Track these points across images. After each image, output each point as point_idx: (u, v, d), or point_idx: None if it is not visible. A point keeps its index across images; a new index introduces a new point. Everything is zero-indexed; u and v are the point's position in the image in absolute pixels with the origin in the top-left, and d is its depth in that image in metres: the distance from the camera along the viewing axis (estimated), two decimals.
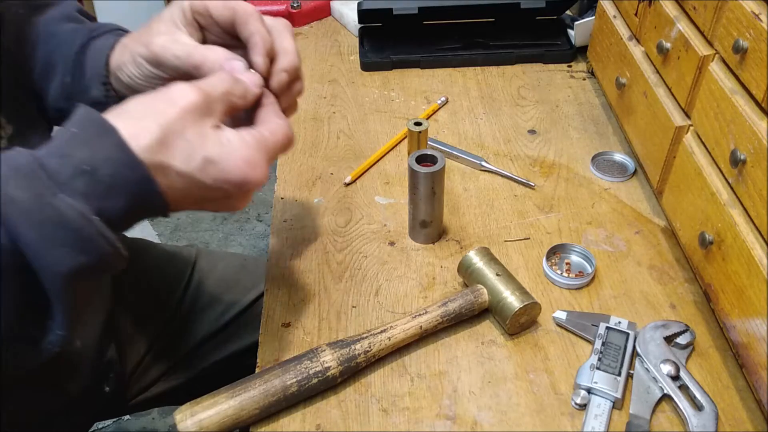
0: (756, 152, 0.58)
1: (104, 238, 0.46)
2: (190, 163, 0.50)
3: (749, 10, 0.59)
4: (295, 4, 1.19)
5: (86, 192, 0.46)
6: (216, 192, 0.52)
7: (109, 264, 0.48)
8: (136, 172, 0.47)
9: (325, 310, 0.71)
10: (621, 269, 0.75)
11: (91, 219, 0.45)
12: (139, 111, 0.50)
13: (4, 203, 0.44)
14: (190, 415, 0.58)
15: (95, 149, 0.47)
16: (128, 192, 0.47)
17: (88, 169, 0.46)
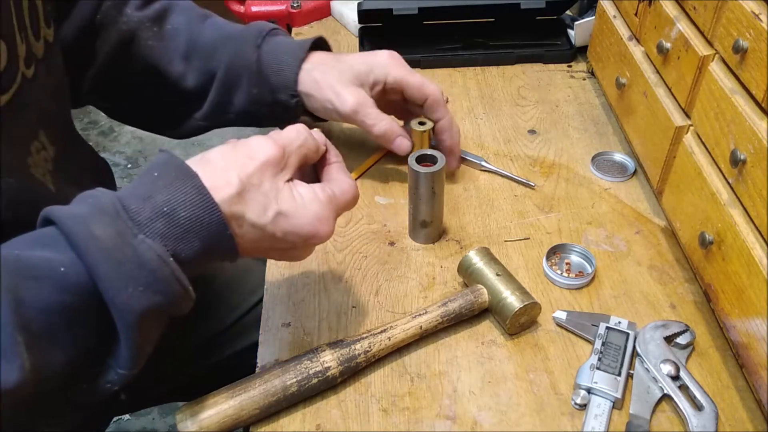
0: (756, 152, 0.58)
1: (177, 280, 0.48)
2: (264, 215, 0.53)
3: (749, 10, 0.59)
4: (295, 4, 1.19)
5: (164, 233, 0.48)
6: (284, 243, 0.55)
7: (178, 306, 0.50)
8: (213, 218, 0.50)
9: (325, 310, 0.71)
10: (621, 269, 0.75)
11: (168, 261, 0.48)
12: (220, 162, 0.53)
13: (86, 239, 0.46)
14: (190, 415, 0.58)
15: (175, 192, 0.49)
16: (203, 236, 0.50)
17: (167, 211, 0.48)
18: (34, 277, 0.45)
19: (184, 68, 0.79)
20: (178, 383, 0.91)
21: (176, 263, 0.48)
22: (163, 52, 0.79)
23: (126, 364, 0.49)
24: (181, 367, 0.91)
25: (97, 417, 0.88)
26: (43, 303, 0.45)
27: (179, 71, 0.79)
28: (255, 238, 0.54)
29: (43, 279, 0.45)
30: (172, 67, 0.79)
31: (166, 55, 0.79)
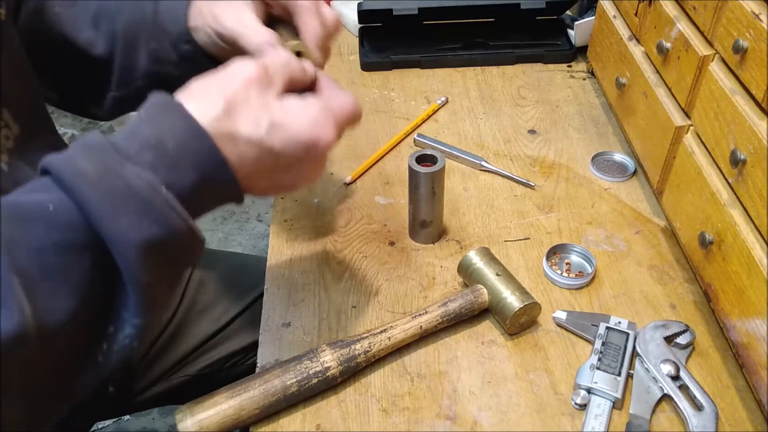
0: (756, 152, 0.58)
1: (174, 211, 0.46)
2: (258, 128, 0.50)
3: (749, 10, 0.59)
4: None
5: (154, 164, 0.46)
6: (286, 158, 0.52)
7: (184, 244, 0.48)
8: (202, 143, 0.48)
9: (325, 310, 0.71)
10: (621, 269, 0.75)
11: (159, 189, 0.46)
12: (202, 88, 0.51)
13: (72, 175, 0.44)
14: (190, 415, 0.58)
15: (161, 124, 0.48)
16: (196, 164, 0.48)
17: (154, 143, 0.47)
18: (25, 219, 0.44)
19: (94, 35, 0.74)
20: (178, 383, 0.91)
21: (172, 195, 0.47)
22: (72, 19, 0.74)
23: (137, 310, 0.47)
24: (180, 366, 0.91)
25: (95, 415, 0.88)
26: (35, 243, 0.44)
27: (89, 38, 0.73)
28: (254, 156, 0.51)
29: (34, 220, 0.44)
30: (82, 34, 0.74)
31: (75, 23, 0.74)
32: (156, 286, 0.47)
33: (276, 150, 0.51)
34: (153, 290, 0.47)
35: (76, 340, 0.47)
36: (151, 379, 0.89)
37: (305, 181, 0.56)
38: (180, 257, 0.49)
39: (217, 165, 0.49)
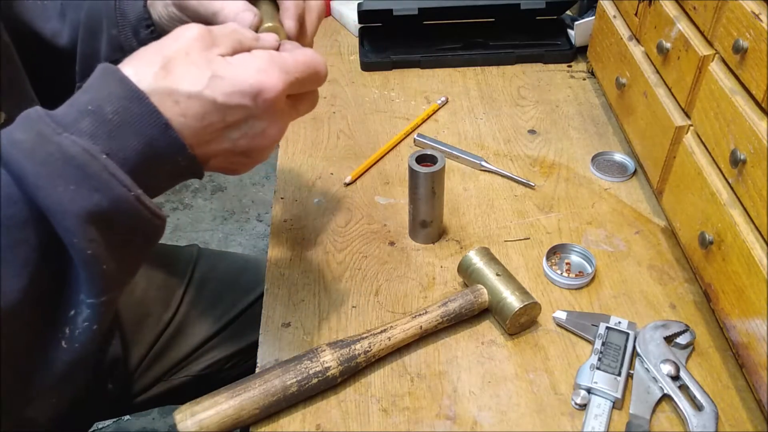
0: (756, 152, 0.58)
1: (116, 178, 0.44)
2: (197, 82, 0.47)
3: (749, 10, 0.59)
4: None
5: (93, 132, 0.44)
6: (233, 112, 0.49)
7: (132, 215, 0.46)
8: (142, 106, 0.45)
9: (325, 310, 0.71)
10: (621, 269, 0.75)
11: (98, 156, 0.44)
12: (142, 52, 0.49)
13: (7, 146, 0.43)
14: (190, 415, 0.58)
15: (99, 90, 0.46)
16: (137, 129, 0.45)
17: (92, 109, 0.45)
18: None
19: (60, 26, 0.72)
20: (178, 383, 0.91)
21: (115, 163, 0.44)
22: (40, 9, 0.72)
23: (89, 289, 0.45)
24: (180, 367, 0.91)
25: (95, 415, 0.88)
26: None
27: (54, 29, 0.72)
28: (197, 112, 0.47)
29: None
30: (48, 26, 0.72)
31: (44, 14, 0.72)
32: (105, 261, 0.45)
33: (219, 102, 0.48)
34: (102, 266, 0.45)
35: (33, 322, 0.46)
36: (152, 380, 0.89)
37: (264, 144, 0.52)
38: (131, 231, 0.47)
39: (159, 128, 0.46)
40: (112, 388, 0.83)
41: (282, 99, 0.50)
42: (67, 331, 0.47)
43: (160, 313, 0.90)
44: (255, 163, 0.54)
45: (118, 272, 0.47)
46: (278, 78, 0.49)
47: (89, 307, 0.46)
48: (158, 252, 0.97)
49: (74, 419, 0.80)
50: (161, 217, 0.48)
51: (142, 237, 0.48)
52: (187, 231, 2.11)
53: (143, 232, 0.48)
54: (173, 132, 0.47)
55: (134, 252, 0.49)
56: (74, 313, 0.47)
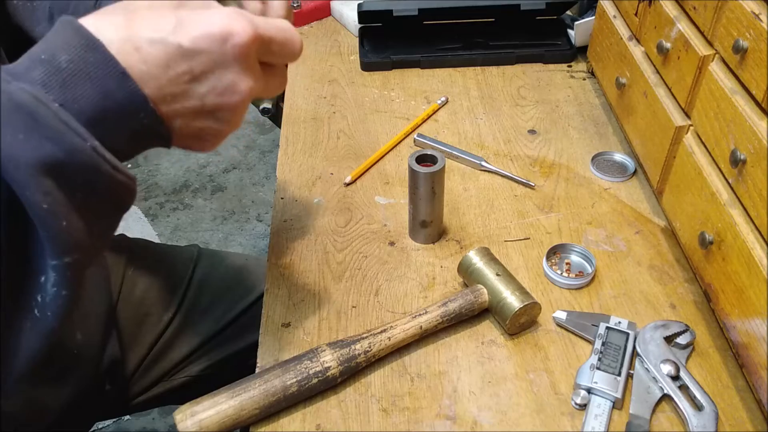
0: (756, 152, 0.58)
1: (69, 127, 0.42)
2: (161, 28, 0.44)
3: (749, 10, 0.59)
4: (295, 4, 1.19)
5: (45, 81, 0.42)
6: (201, 58, 0.45)
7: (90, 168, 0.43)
8: (97, 54, 0.43)
9: (325, 310, 0.71)
10: (621, 269, 0.75)
11: (49, 104, 0.41)
12: (108, 8, 0.46)
13: None
14: (190, 415, 0.58)
15: (54, 39, 0.44)
16: (92, 78, 0.43)
17: (45, 58, 0.42)
18: None
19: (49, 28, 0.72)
20: (178, 384, 0.91)
21: (70, 114, 0.42)
22: (30, 12, 0.71)
23: (51, 247, 0.43)
24: (180, 367, 0.91)
25: (95, 415, 0.88)
26: None
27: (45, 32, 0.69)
28: (160, 59, 0.44)
29: None
30: (38, 28, 0.71)
31: (33, 16, 0.71)
32: (64, 217, 0.43)
33: (185, 47, 0.44)
34: (61, 222, 0.42)
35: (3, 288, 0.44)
36: (152, 380, 0.89)
37: (233, 101, 0.48)
38: (90, 185, 0.44)
39: (116, 77, 0.43)
40: (110, 389, 0.83)
41: (252, 51, 0.47)
42: (39, 298, 0.45)
43: (160, 313, 0.90)
44: (224, 131, 0.50)
45: (82, 232, 0.44)
46: (248, 25, 0.46)
47: (54, 270, 0.44)
48: (158, 252, 0.97)
49: (73, 419, 0.80)
50: (125, 173, 0.45)
51: (106, 194, 0.45)
52: (187, 231, 2.11)
53: (106, 188, 0.45)
54: (132, 82, 0.43)
55: (99, 211, 0.46)
56: (44, 279, 0.45)
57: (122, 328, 0.86)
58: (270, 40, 0.48)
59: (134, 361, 0.87)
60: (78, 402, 0.79)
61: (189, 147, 0.52)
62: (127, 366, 0.87)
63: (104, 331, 0.81)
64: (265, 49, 0.48)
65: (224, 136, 0.51)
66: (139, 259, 0.93)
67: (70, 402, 0.77)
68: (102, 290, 0.81)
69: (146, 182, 2.28)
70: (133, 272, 0.90)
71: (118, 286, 0.88)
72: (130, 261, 0.91)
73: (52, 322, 0.46)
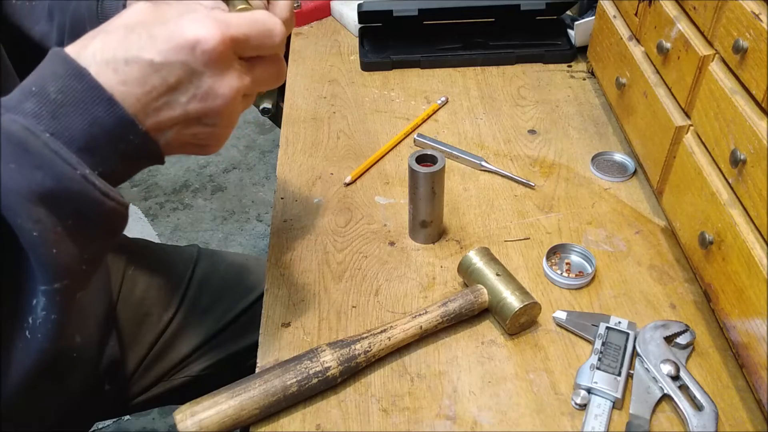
0: (756, 152, 0.58)
1: (59, 156, 0.43)
2: (133, 46, 0.45)
3: (749, 10, 0.59)
4: (295, 4, 1.19)
5: (36, 112, 0.43)
6: (174, 69, 0.46)
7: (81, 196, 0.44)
8: (83, 82, 0.44)
9: (325, 310, 0.71)
10: (621, 269, 0.75)
11: (39, 134, 0.43)
12: (89, 33, 0.47)
13: None
14: (190, 415, 0.58)
15: (43, 71, 0.45)
16: (81, 107, 0.44)
17: (36, 90, 0.44)
18: None
19: (49, 28, 0.71)
20: (179, 384, 0.91)
21: (60, 142, 0.43)
22: (29, 11, 0.72)
23: (40, 273, 0.44)
24: (180, 367, 0.91)
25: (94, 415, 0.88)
26: None
27: (43, 32, 0.71)
28: (137, 77, 0.45)
29: None
30: (37, 27, 0.71)
31: (32, 15, 0.72)
32: (54, 245, 0.44)
33: (157, 62, 0.45)
34: (51, 249, 0.44)
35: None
36: (152, 380, 0.89)
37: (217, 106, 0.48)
38: (80, 212, 0.45)
39: (103, 103, 0.44)
40: (110, 389, 0.83)
41: (224, 52, 0.47)
42: (30, 320, 0.46)
43: (160, 313, 0.90)
44: (219, 133, 0.51)
45: (73, 259, 0.45)
46: (215, 28, 0.46)
47: (44, 295, 0.45)
48: (158, 252, 0.97)
49: (73, 420, 0.80)
50: (117, 200, 0.46)
51: (97, 220, 0.46)
52: (187, 231, 2.11)
53: (96, 215, 0.46)
54: (119, 107, 0.45)
55: (90, 237, 0.47)
56: (36, 303, 0.46)
57: (122, 328, 0.86)
58: (245, 38, 0.48)
59: (134, 361, 0.87)
60: (78, 402, 0.79)
61: (190, 153, 0.52)
62: (127, 366, 0.87)
63: (104, 331, 0.81)
64: (242, 46, 0.48)
65: (223, 137, 0.52)
66: (139, 259, 0.93)
67: (70, 402, 0.77)
68: (102, 290, 0.81)
69: (146, 182, 2.28)
70: (133, 272, 0.90)
71: (118, 286, 0.88)
72: (130, 261, 0.91)
73: (43, 343, 0.47)
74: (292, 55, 1.13)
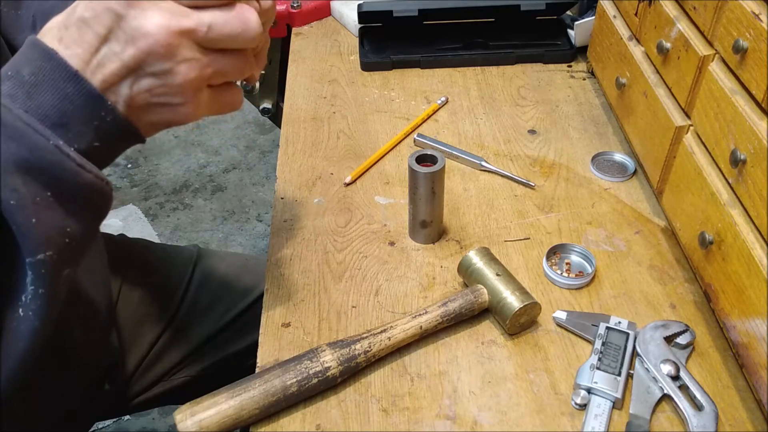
0: (756, 152, 0.58)
1: (31, 127, 0.45)
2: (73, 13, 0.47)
3: (749, 10, 0.59)
4: (295, 4, 1.19)
5: (11, 93, 0.46)
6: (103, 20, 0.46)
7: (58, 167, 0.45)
8: (52, 62, 0.46)
9: (325, 310, 0.71)
10: (621, 269, 0.75)
11: (12, 109, 0.45)
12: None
13: None
14: (190, 415, 0.58)
15: (18, 58, 0.47)
16: (51, 84, 0.46)
17: (11, 74, 0.46)
18: None
19: None
20: (179, 383, 0.91)
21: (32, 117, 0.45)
22: (14, 21, 0.73)
23: (23, 244, 0.45)
24: (180, 367, 0.91)
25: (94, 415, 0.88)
26: None
27: None
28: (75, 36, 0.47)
29: None
30: (20, 37, 0.73)
31: (17, 24, 0.73)
32: (34, 214, 0.45)
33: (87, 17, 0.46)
34: (30, 219, 0.45)
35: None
36: (152, 380, 0.89)
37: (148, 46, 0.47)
38: (57, 182, 0.46)
39: (72, 80, 0.46)
40: (110, 388, 0.83)
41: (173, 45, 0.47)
42: (23, 298, 0.48)
43: (160, 313, 0.90)
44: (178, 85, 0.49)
45: (54, 230, 0.47)
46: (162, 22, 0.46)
47: (30, 268, 0.46)
48: (158, 252, 0.97)
49: (73, 419, 0.80)
50: (93, 172, 0.47)
51: (75, 192, 0.47)
52: (187, 231, 2.11)
53: (74, 186, 0.47)
54: (86, 82, 0.46)
55: (71, 211, 0.48)
56: (27, 279, 0.47)
57: (122, 327, 0.86)
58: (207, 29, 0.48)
59: (134, 360, 0.88)
60: (78, 401, 0.79)
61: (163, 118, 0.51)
62: (127, 366, 0.87)
63: (104, 331, 0.81)
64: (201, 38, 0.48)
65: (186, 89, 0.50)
66: (139, 259, 0.93)
67: (70, 401, 0.77)
68: (102, 290, 0.81)
69: (146, 182, 2.28)
70: (133, 272, 0.90)
71: (118, 286, 0.88)
72: (130, 261, 0.91)
73: (34, 320, 0.48)
74: (292, 55, 1.13)
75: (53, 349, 0.53)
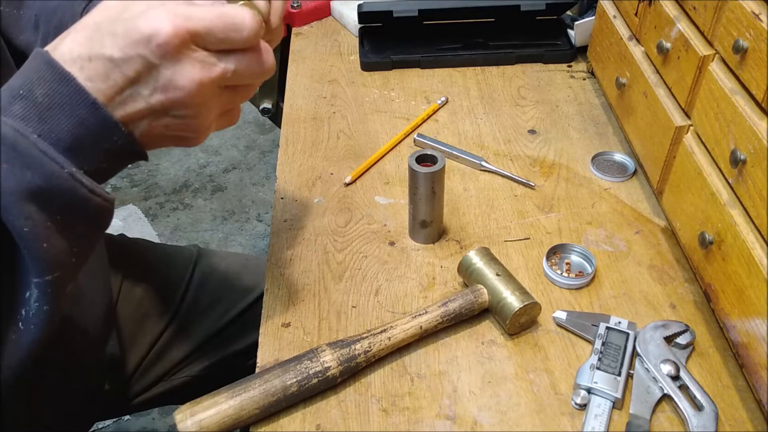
0: (756, 152, 0.58)
1: (47, 156, 0.45)
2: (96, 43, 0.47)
3: (749, 10, 0.59)
4: (295, 4, 1.19)
5: (24, 115, 0.45)
6: (132, 63, 0.46)
7: (69, 193, 0.46)
8: (69, 86, 0.46)
9: (325, 310, 0.71)
10: (621, 269, 0.75)
11: (28, 136, 0.45)
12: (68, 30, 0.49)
13: None
14: (190, 415, 0.58)
15: (29, 74, 0.47)
16: (66, 109, 0.46)
17: (23, 93, 0.46)
18: None
19: (33, 37, 0.73)
20: (179, 383, 0.91)
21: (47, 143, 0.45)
22: (16, 21, 0.73)
23: (33, 266, 0.46)
24: (180, 367, 0.91)
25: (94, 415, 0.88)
26: None
27: (28, 41, 0.73)
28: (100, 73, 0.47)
29: None
30: (22, 37, 0.73)
31: (18, 25, 0.73)
32: (45, 240, 0.46)
33: (116, 58, 0.46)
34: (41, 244, 0.46)
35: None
36: (152, 380, 0.90)
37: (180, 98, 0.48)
38: (69, 209, 0.47)
39: (88, 107, 0.46)
40: (110, 388, 0.83)
41: (179, 45, 0.47)
42: (23, 312, 0.49)
43: (160, 313, 0.90)
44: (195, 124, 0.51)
45: (63, 253, 0.48)
46: (169, 21, 0.46)
47: (37, 287, 0.47)
48: (158, 252, 0.97)
49: (73, 419, 0.80)
50: (102, 196, 0.48)
51: (84, 216, 0.48)
52: (187, 231, 2.11)
53: (84, 211, 0.48)
54: (103, 110, 0.47)
55: (79, 232, 0.49)
56: (29, 295, 0.48)
57: (122, 327, 0.86)
58: (206, 30, 0.48)
59: (134, 360, 0.88)
60: (78, 401, 0.79)
61: (172, 145, 0.53)
62: (127, 366, 0.87)
63: (104, 331, 0.81)
64: (204, 39, 0.48)
65: (201, 128, 0.52)
66: (139, 259, 0.93)
67: (71, 401, 0.77)
68: (102, 290, 0.81)
69: (146, 182, 2.28)
70: (134, 272, 0.90)
71: (118, 285, 0.88)
72: (130, 261, 0.91)
73: (35, 333, 0.49)
74: (292, 55, 1.13)
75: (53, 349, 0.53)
